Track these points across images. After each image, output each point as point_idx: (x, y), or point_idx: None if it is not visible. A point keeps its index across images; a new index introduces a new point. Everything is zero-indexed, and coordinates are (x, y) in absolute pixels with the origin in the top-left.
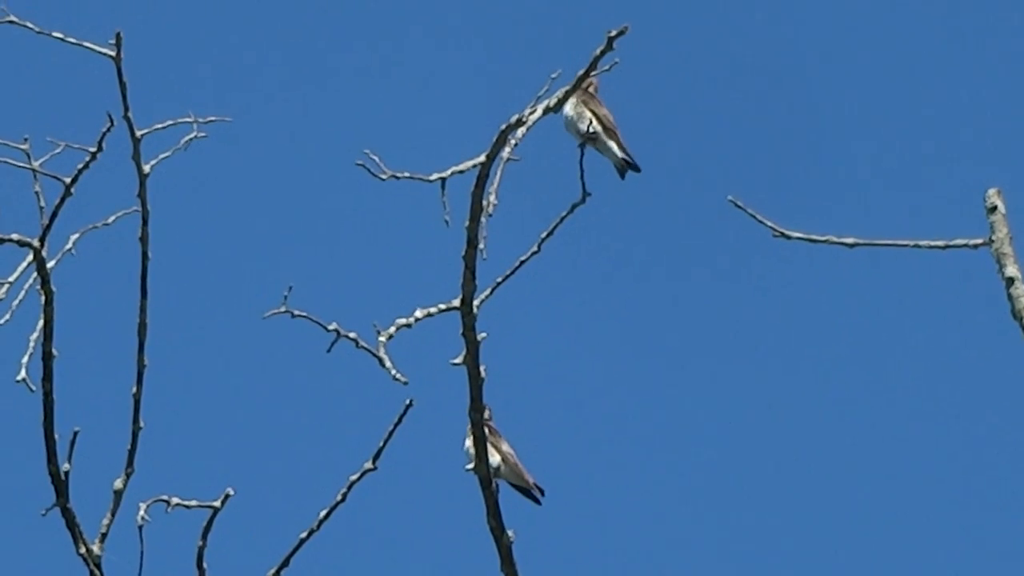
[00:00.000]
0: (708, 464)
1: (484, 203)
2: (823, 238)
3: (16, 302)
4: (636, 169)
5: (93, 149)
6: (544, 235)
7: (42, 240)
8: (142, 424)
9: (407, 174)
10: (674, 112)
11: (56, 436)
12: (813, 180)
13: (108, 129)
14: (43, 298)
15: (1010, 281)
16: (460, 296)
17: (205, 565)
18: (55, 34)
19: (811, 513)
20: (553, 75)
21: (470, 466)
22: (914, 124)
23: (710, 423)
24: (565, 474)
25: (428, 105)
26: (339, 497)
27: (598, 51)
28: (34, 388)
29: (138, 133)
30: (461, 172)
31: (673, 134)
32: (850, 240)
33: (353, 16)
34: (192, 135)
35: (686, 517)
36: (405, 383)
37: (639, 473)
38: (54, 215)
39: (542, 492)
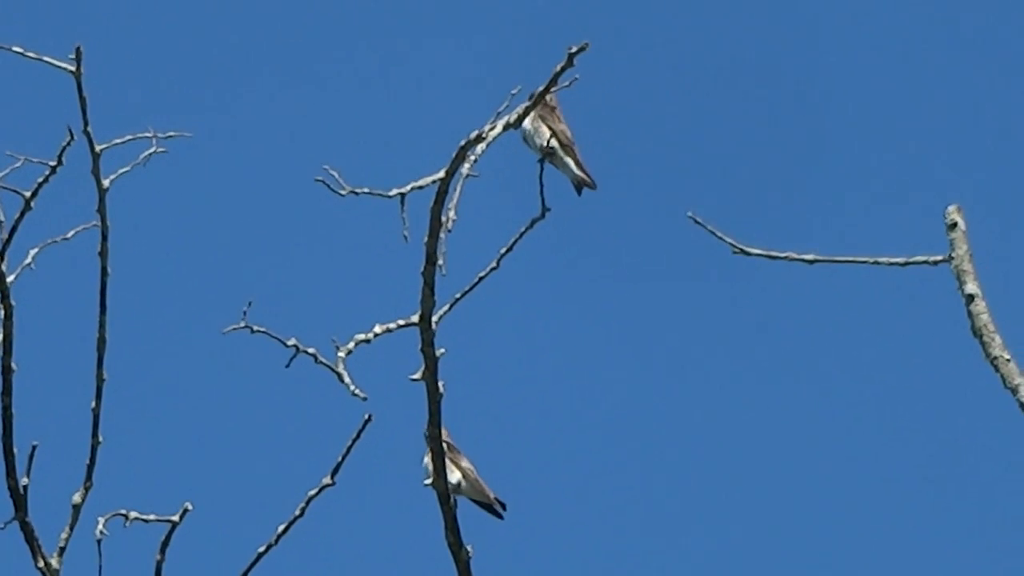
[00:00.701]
0: (670, 478)
1: (443, 219)
2: (783, 254)
3: None
4: (593, 186)
5: (53, 163)
6: (503, 251)
7: (1, 254)
8: (101, 439)
9: (366, 190)
10: (635, 127)
11: (15, 450)
12: (773, 197)
13: (68, 143)
14: (2, 312)
15: (970, 298)
16: (419, 312)
17: None
18: (15, 48)
19: (768, 526)
20: (513, 91)
21: (428, 481)
22: (876, 140)
23: (671, 438)
24: (524, 489)
25: (390, 119)
26: (297, 512)
27: (558, 67)
28: None
29: (98, 148)
30: (420, 188)
31: (634, 149)
32: (810, 256)
33: (313, 32)
34: (152, 150)
35: (647, 532)
36: (364, 399)
37: (599, 487)
38: (14, 229)
39: (504, 507)
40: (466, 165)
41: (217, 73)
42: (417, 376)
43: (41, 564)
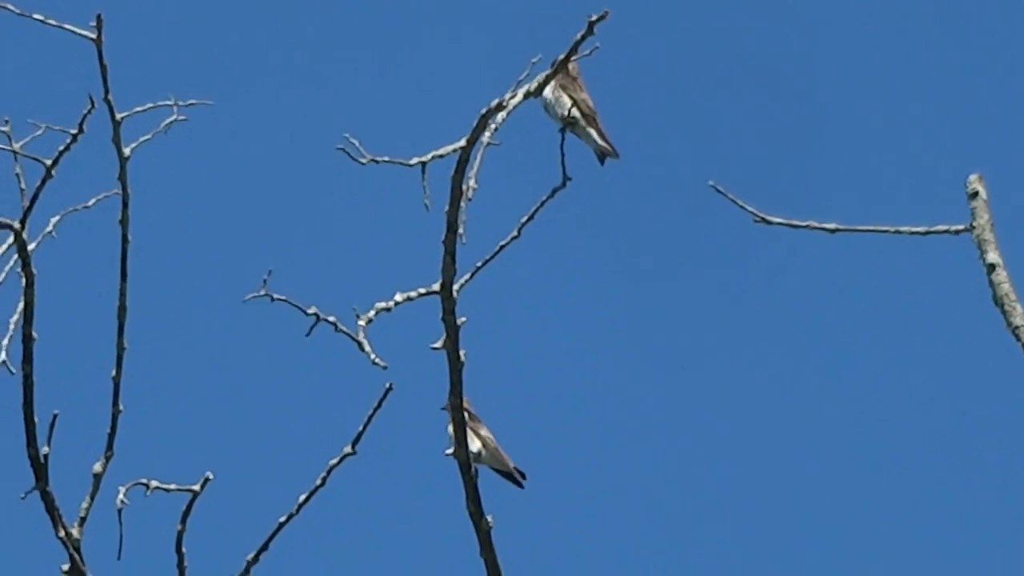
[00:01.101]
0: (689, 447)
1: (464, 188)
2: (804, 223)
3: None
4: (615, 156)
5: (74, 131)
6: (524, 219)
7: (23, 222)
8: (121, 407)
9: (387, 158)
10: (657, 97)
11: (36, 419)
12: (795, 166)
13: (89, 111)
14: (23, 280)
15: (991, 267)
16: (440, 280)
17: (184, 549)
18: (36, 16)
19: (784, 493)
20: (534, 59)
21: (450, 451)
22: (897, 110)
23: (690, 406)
24: (544, 459)
25: (410, 90)
26: (318, 481)
27: (579, 36)
28: (14, 371)
29: (118, 116)
30: (441, 156)
31: (656, 119)
32: (831, 225)
33: (336, 2)
34: (172, 118)
35: (665, 501)
36: (385, 367)
37: (618, 457)
38: (35, 197)
39: (523, 476)
40: (487, 134)
41: (238, 42)
42: (438, 345)
43: (62, 533)
